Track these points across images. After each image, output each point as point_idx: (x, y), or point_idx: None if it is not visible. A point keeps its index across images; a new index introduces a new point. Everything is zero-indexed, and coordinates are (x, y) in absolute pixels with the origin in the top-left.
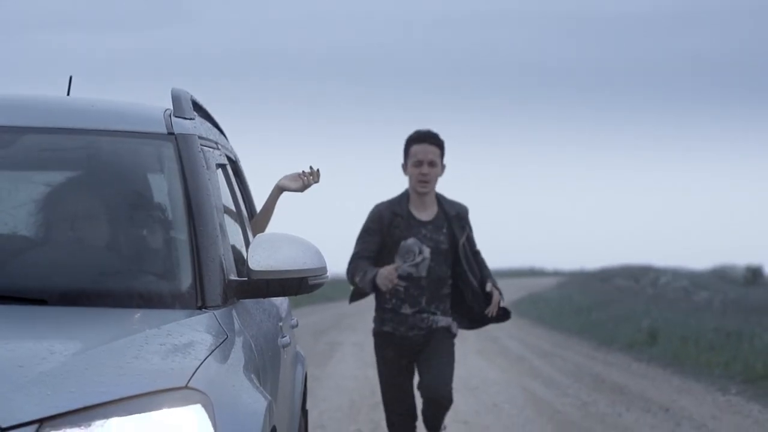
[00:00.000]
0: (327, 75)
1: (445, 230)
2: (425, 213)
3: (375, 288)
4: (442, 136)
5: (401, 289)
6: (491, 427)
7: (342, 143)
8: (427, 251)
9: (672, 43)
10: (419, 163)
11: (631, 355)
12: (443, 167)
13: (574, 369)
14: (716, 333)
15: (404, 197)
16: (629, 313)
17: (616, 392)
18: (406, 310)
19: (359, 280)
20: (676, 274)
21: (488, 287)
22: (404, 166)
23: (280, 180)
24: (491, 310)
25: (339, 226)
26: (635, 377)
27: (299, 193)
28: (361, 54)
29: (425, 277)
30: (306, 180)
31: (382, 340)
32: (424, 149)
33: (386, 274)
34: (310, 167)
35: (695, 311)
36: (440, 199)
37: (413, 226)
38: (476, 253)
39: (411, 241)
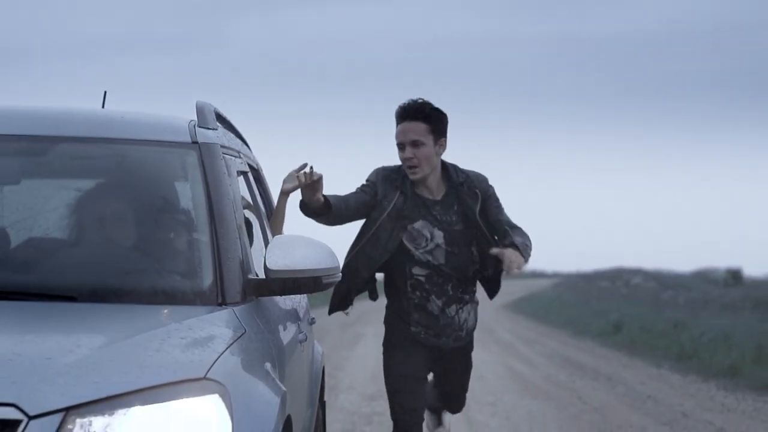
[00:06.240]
0: (349, 89)
1: (456, 207)
2: (432, 193)
3: (306, 208)
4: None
5: (422, 279)
6: (476, 389)
7: (359, 151)
8: (439, 236)
9: (660, 59)
10: (401, 146)
11: (598, 341)
12: (441, 143)
13: (550, 352)
14: (666, 323)
15: (406, 177)
16: (604, 308)
17: (576, 367)
18: (435, 305)
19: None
20: (647, 276)
21: (493, 251)
22: None
23: (282, 186)
24: (507, 267)
25: (353, 229)
26: (595, 357)
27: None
28: (380, 68)
29: (444, 264)
30: (302, 177)
31: (399, 343)
32: (403, 129)
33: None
34: (305, 164)
35: (659, 307)
36: (450, 172)
37: (420, 206)
38: (499, 221)
39: (420, 224)
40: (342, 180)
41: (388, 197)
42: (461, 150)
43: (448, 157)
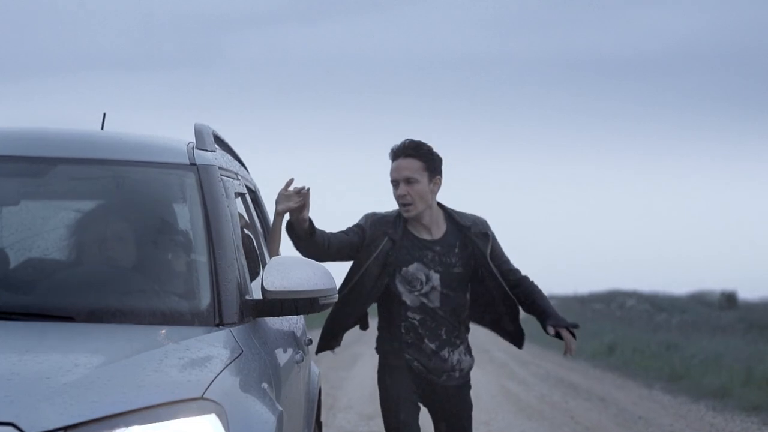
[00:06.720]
0: (346, 107)
1: (457, 250)
2: (429, 233)
3: (293, 231)
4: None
5: (416, 322)
6: None
7: (357, 168)
8: (436, 278)
9: (649, 83)
10: (395, 184)
11: (592, 363)
12: (436, 180)
13: (544, 373)
14: (659, 345)
15: (399, 217)
16: (598, 330)
17: (570, 388)
18: (428, 347)
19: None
20: (642, 298)
21: (550, 330)
22: None
23: (276, 207)
24: (568, 351)
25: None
26: (589, 378)
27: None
28: (377, 86)
29: (440, 307)
30: (295, 197)
31: (393, 367)
32: (397, 166)
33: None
34: (291, 180)
35: (652, 329)
36: (449, 215)
37: (415, 248)
38: (512, 271)
39: (414, 266)
40: (340, 197)
41: (376, 242)
42: (460, 165)
43: (444, 191)
